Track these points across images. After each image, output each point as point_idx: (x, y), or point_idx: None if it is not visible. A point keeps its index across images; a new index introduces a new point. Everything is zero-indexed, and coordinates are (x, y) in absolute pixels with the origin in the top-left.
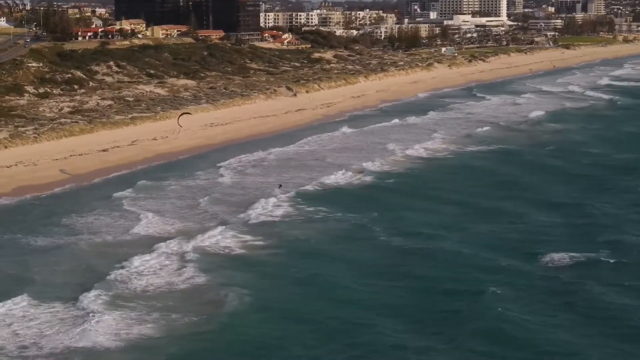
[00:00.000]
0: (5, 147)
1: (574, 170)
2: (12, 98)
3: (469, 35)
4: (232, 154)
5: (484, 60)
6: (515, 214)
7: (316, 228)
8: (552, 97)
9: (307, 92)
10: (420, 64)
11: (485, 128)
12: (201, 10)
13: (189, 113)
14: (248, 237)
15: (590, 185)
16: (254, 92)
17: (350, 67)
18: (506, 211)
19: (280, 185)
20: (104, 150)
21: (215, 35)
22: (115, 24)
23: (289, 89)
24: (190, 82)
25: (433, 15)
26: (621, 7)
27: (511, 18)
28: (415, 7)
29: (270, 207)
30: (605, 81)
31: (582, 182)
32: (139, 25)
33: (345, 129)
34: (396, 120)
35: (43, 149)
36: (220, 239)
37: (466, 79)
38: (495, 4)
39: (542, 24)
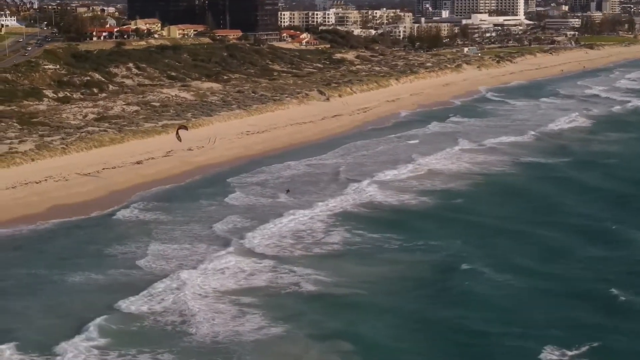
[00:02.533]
0: (32, 160)
1: (632, 191)
2: (31, 103)
3: (487, 34)
4: (274, 166)
5: (511, 61)
6: (578, 248)
7: (364, 261)
8: (593, 103)
9: (340, 96)
10: (448, 65)
11: (531, 137)
12: (218, 9)
13: (185, 127)
14: (307, 271)
15: None
16: (286, 97)
17: (377, 68)
18: (568, 245)
19: (288, 190)
20: (138, 163)
21: (233, 35)
22: (130, 24)
23: (321, 93)
24: (216, 85)
25: (445, 14)
26: (632, 6)
27: (525, 17)
28: (427, 5)
29: (322, 234)
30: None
31: None
32: (154, 24)
33: (389, 137)
34: (437, 128)
35: (73, 161)
36: (277, 275)
37: (498, 81)
38: (513, 3)
39: (560, 23)
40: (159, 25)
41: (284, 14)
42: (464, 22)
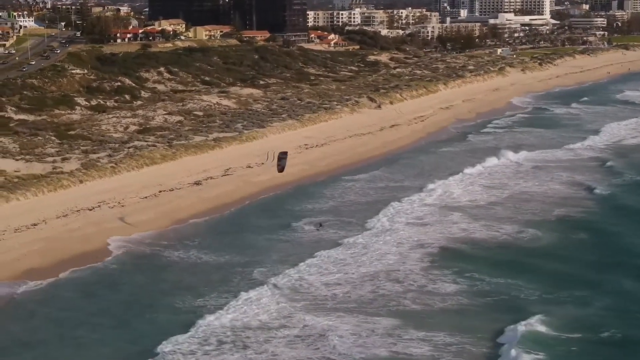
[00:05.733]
0: (81, 182)
1: None
2: (63, 112)
3: (516, 34)
4: (342, 187)
5: (551, 63)
6: None
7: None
8: None
9: (391, 103)
10: (492, 69)
11: (613, 152)
12: (244, 10)
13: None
14: (445, 338)
15: None
16: (336, 104)
17: (418, 72)
18: None
19: (320, 225)
20: (196, 184)
21: (261, 36)
22: (154, 24)
23: (371, 100)
24: (256, 92)
25: (464, 13)
26: None
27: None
28: (445, 4)
29: (423, 278)
30: None
31: None
32: (179, 25)
33: (457, 151)
34: (507, 140)
35: (125, 182)
36: (399, 341)
37: (546, 85)
38: (538, 2)
39: (586, 23)
40: (183, 26)
41: (308, 14)
42: (490, 21)
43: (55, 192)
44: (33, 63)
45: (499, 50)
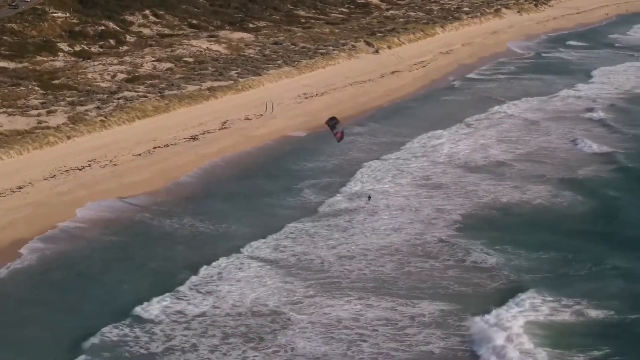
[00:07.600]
0: (69, 138)
1: None
2: (45, 59)
3: None
4: (351, 143)
5: (546, 4)
6: None
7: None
8: None
9: (389, 47)
10: (487, 10)
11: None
12: None
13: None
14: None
15: None
16: (332, 49)
17: (412, 14)
18: None
19: (370, 197)
20: (193, 139)
21: None
22: None
23: (368, 44)
24: (247, 36)
25: None
26: None
27: None
28: None
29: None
30: None
31: None
32: None
33: (461, 100)
34: (513, 84)
35: (116, 138)
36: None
37: (545, 27)
38: None
39: None
40: None
41: None
42: None
43: (41, 150)
44: None
45: None
